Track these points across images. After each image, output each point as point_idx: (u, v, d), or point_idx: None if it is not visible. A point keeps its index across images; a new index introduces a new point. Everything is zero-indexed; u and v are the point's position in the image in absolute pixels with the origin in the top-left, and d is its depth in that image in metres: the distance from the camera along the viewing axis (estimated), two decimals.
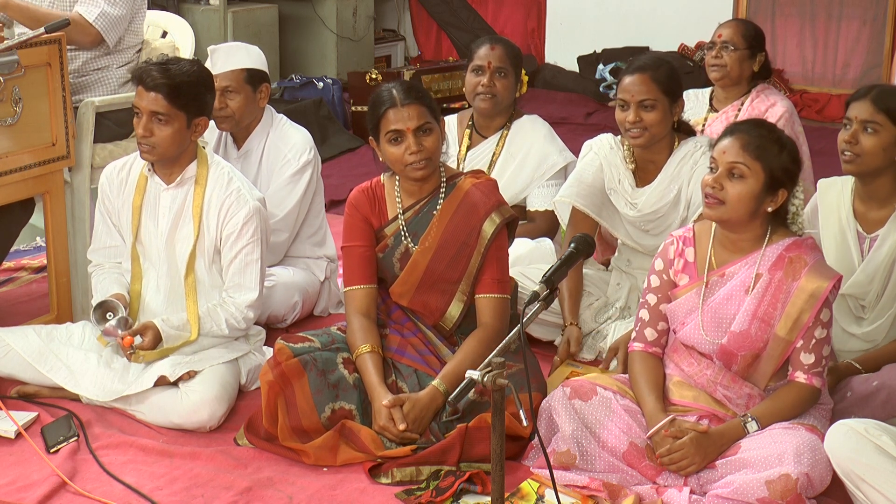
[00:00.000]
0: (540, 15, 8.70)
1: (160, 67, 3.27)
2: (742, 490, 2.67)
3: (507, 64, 4.13)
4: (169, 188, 3.40)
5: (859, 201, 3.29)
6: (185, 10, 7.46)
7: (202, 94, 3.34)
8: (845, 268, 3.24)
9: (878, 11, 7.44)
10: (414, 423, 3.01)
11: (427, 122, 3.14)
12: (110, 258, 3.55)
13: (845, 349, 3.29)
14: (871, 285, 3.22)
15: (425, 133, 3.14)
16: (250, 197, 3.37)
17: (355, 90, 7.14)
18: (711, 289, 2.96)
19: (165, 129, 3.26)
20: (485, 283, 3.22)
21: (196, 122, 3.32)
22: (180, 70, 3.28)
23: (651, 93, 3.52)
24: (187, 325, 3.31)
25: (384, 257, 3.28)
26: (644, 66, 3.56)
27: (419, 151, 3.12)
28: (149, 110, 3.26)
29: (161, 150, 3.29)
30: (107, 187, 3.51)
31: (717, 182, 2.84)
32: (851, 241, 3.27)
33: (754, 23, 4.60)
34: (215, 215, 3.36)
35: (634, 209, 3.67)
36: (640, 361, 3.05)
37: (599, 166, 3.73)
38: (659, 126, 3.56)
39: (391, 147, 3.15)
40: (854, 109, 3.19)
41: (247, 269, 3.37)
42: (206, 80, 3.39)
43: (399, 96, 3.13)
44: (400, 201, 3.27)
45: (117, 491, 2.87)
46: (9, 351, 3.34)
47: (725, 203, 2.84)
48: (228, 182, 3.38)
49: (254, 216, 3.34)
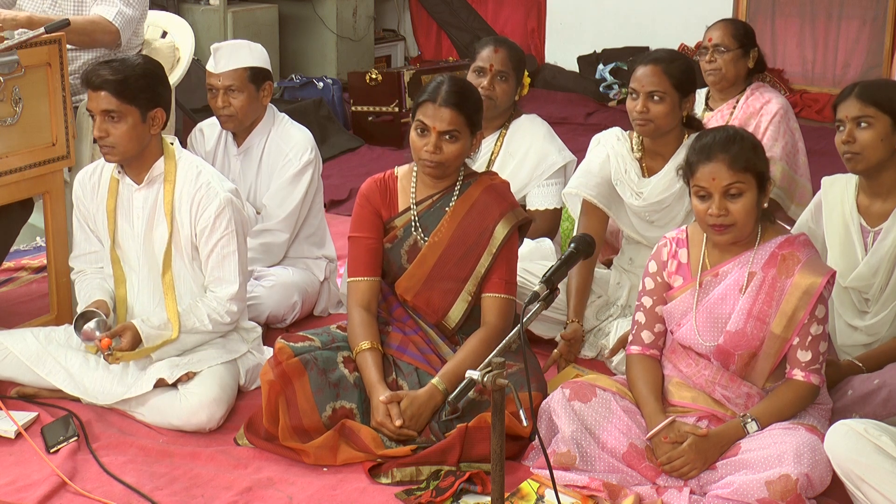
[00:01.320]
0: (540, 15, 8.70)
1: (105, 65, 3.24)
2: (742, 490, 2.67)
3: (509, 68, 4.12)
4: (140, 188, 3.35)
5: (863, 196, 3.30)
6: (185, 10, 7.46)
7: (152, 86, 3.27)
8: (849, 262, 3.26)
9: (878, 11, 7.44)
10: (411, 419, 3.01)
11: (456, 129, 3.14)
12: (92, 264, 3.53)
13: (849, 343, 3.30)
14: (875, 278, 3.23)
15: (450, 139, 3.15)
16: (220, 189, 3.31)
17: (355, 90, 7.13)
18: (706, 289, 2.97)
19: (120, 127, 3.21)
20: (492, 283, 3.23)
21: (151, 115, 3.26)
22: (125, 65, 3.24)
23: (661, 85, 3.52)
24: (168, 323, 3.28)
25: (392, 248, 3.28)
26: (659, 58, 3.57)
27: (435, 153, 3.14)
28: (100, 110, 3.21)
29: (121, 149, 3.24)
30: (80, 193, 3.47)
31: (722, 209, 2.84)
32: (855, 234, 3.28)
33: (741, 20, 4.59)
34: (187, 210, 3.31)
35: (640, 199, 3.67)
36: (637, 364, 3.05)
37: (606, 157, 3.74)
38: (664, 119, 3.55)
39: (416, 136, 3.18)
40: (843, 110, 3.20)
41: (225, 262, 3.33)
42: (156, 72, 3.32)
43: (443, 95, 3.14)
44: (414, 192, 3.28)
45: (117, 491, 2.87)
46: (7, 354, 3.34)
47: (735, 224, 2.85)
48: (197, 175, 3.33)
49: (226, 208, 3.29)
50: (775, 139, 4.15)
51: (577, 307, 3.64)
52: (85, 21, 4.00)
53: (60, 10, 4.07)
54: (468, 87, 3.26)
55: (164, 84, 3.35)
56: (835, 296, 3.28)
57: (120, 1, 4.06)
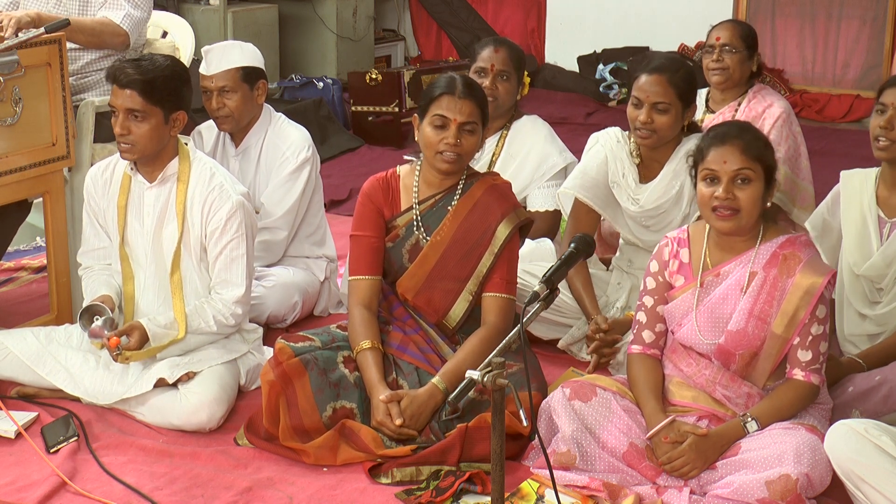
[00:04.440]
0: (540, 15, 8.70)
1: (133, 64, 3.24)
2: (742, 490, 2.67)
3: (510, 67, 4.13)
4: (152, 186, 3.36)
5: (883, 187, 3.31)
6: (185, 10, 7.45)
7: (178, 89, 3.30)
8: (864, 251, 3.28)
9: (878, 11, 7.44)
10: (411, 419, 3.01)
11: (474, 122, 3.17)
12: (100, 260, 3.54)
13: (856, 332, 3.31)
14: (889, 268, 3.25)
15: (469, 132, 3.16)
16: (233, 192, 3.33)
17: (355, 90, 7.13)
18: (707, 289, 2.97)
19: (143, 126, 3.23)
20: (494, 283, 3.23)
21: (174, 116, 3.29)
22: (154, 65, 3.25)
23: (666, 96, 3.49)
24: (174, 323, 3.28)
25: (394, 247, 3.28)
26: (663, 67, 3.52)
27: (456, 146, 3.14)
28: (124, 108, 3.23)
29: (140, 148, 3.26)
30: (91, 188, 3.48)
31: (728, 192, 2.84)
32: (872, 225, 3.30)
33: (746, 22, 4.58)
34: (199, 211, 3.32)
35: (636, 204, 3.67)
36: (638, 363, 3.05)
37: (604, 159, 3.72)
38: (669, 129, 3.54)
39: (431, 130, 3.16)
40: (890, 95, 3.20)
41: (233, 265, 3.34)
42: (181, 74, 3.35)
43: (460, 87, 3.16)
44: (417, 191, 3.28)
45: (117, 491, 2.87)
46: (7, 354, 3.33)
47: (741, 210, 2.85)
48: (211, 177, 3.34)
49: (237, 211, 3.31)
50: (778, 143, 4.13)
51: (592, 302, 3.62)
52: (94, 22, 3.98)
53: (65, 10, 4.06)
54: (477, 83, 3.29)
55: (188, 86, 3.38)
56: (847, 284, 3.30)
57: (127, 3, 4.05)
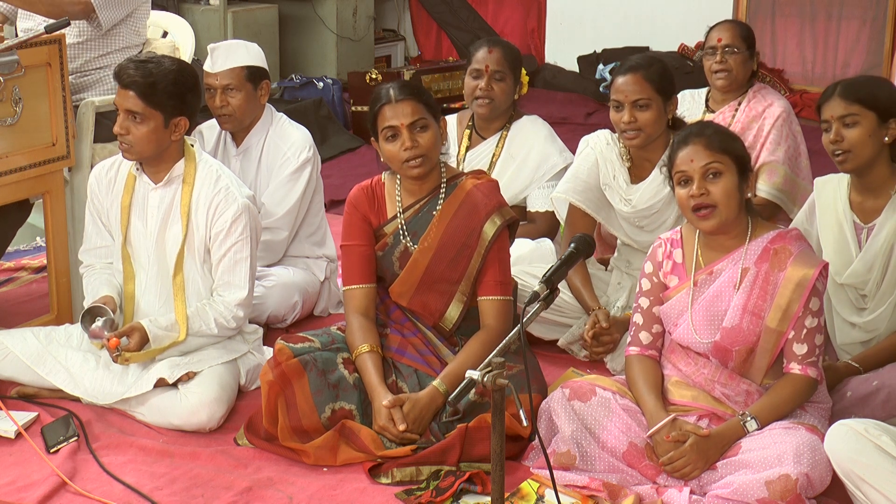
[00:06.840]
0: (540, 15, 8.70)
1: (138, 65, 3.23)
2: (742, 490, 2.67)
3: (505, 67, 4.13)
4: (157, 188, 3.36)
5: (855, 193, 3.31)
6: (185, 10, 7.46)
7: (181, 94, 3.27)
8: (844, 259, 3.27)
9: (878, 11, 7.44)
10: (414, 423, 3.01)
11: (422, 118, 3.14)
12: (101, 258, 3.53)
13: (847, 341, 3.30)
14: (871, 274, 3.24)
15: (420, 129, 3.14)
16: (239, 194, 3.33)
17: (355, 90, 7.14)
18: (701, 287, 2.97)
19: (141, 128, 3.22)
20: (487, 286, 3.22)
21: (175, 121, 3.27)
22: (159, 68, 3.23)
23: (644, 92, 3.52)
24: (175, 325, 3.28)
25: (383, 256, 3.28)
26: (636, 65, 3.56)
27: (413, 147, 3.12)
28: (124, 108, 3.22)
29: (138, 149, 3.25)
30: (95, 186, 3.48)
31: (701, 188, 2.87)
32: (849, 232, 3.29)
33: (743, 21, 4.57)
34: (204, 214, 3.32)
35: (629, 205, 3.67)
36: (637, 364, 3.05)
37: (595, 162, 3.73)
38: (654, 125, 3.55)
39: (388, 144, 3.15)
40: (828, 110, 3.22)
41: (236, 268, 3.34)
42: (187, 80, 3.30)
43: (394, 93, 3.14)
44: (400, 200, 3.27)
45: (117, 491, 2.87)
46: (7, 354, 3.33)
47: (717, 205, 2.86)
48: (217, 180, 3.34)
49: (242, 214, 3.31)
50: (778, 143, 4.14)
51: (591, 296, 3.62)
52: None
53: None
54: (412, 81, 3.28)
55: (194, 93, 3.33)
56: (832, 294, 3.29)
57: None
